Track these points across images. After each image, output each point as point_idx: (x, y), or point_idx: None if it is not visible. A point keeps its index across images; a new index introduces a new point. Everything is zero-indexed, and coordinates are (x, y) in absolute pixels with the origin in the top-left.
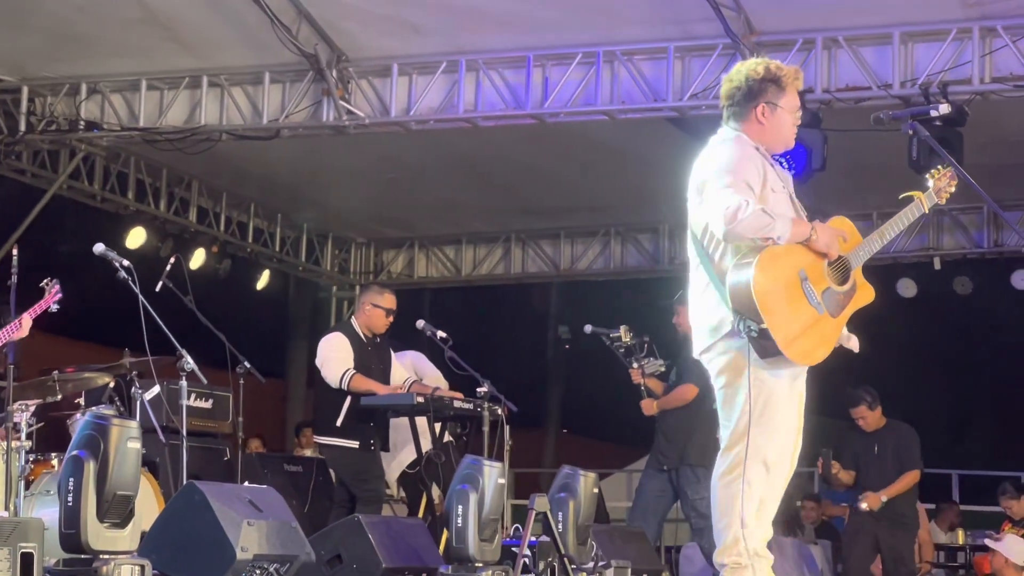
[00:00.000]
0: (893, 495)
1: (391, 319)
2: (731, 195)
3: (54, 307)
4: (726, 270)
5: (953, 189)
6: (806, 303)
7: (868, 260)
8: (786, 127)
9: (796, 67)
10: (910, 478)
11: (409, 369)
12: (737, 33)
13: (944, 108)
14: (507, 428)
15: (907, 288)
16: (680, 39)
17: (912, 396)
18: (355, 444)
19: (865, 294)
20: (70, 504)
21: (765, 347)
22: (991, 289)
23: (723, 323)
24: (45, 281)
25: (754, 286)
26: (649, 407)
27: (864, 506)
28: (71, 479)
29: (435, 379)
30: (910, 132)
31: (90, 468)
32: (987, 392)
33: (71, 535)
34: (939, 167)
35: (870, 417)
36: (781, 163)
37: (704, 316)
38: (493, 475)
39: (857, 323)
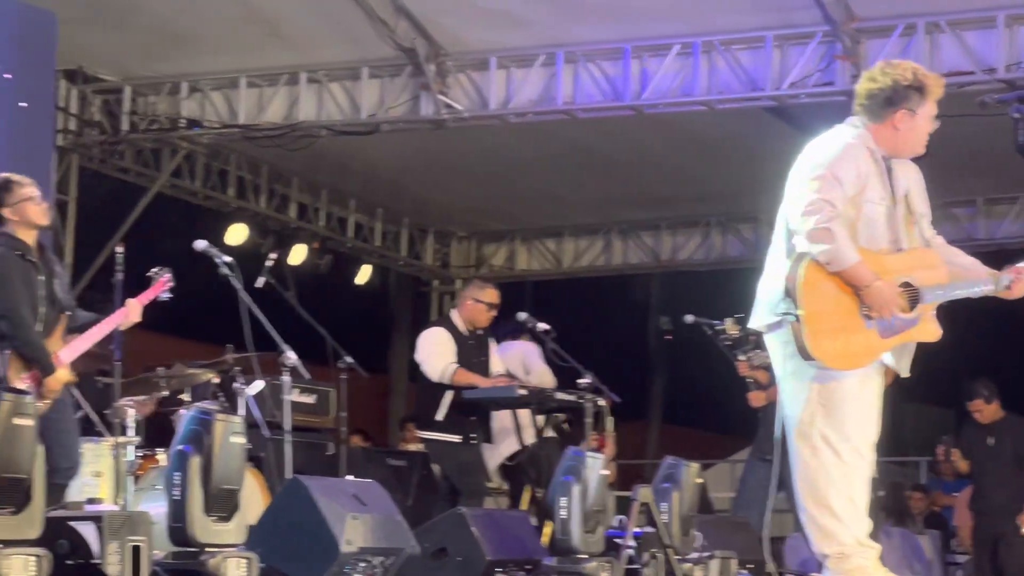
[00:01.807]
0: None
1: (493, 313)
2: (819, 191)
3: (164, 296)
4: (793, 257)
5: None
6: (855, 311)
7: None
8: (920, 135)
9: (940, 76)
10: None
11: (516, 361)
12: (836, 20)
13: None
14: (610, 419)
15: None
16: (778, 27)
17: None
18: (457, 438)
19: (928, 331)
20: (176, 498)
21: (800, 341)
22: None
23: (777, 306)
24: (154, 271)
25: (803, 275)
26: (758, 399)
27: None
28: (177, 473)
29: (540, 374)
30: (1016, 115)
31: (195, 463)
32: None
33: (178, 528)
34: None
35: (986, 410)
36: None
37: (768, 291)
38: (596, 466)
39: (968, 311)
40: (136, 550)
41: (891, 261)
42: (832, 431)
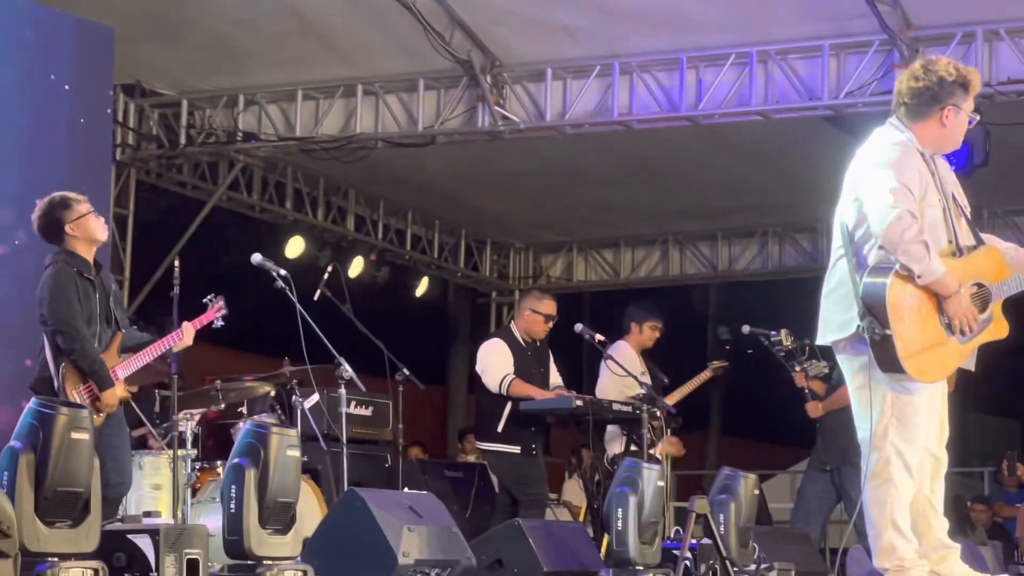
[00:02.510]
0: None
1: (550, 324)
2: (898, 204)
3: (218, 322)
4: (868, 270)
5: None
6: (937, 322)
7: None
8: (962, 130)
9: (977, 71)
10: None
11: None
12: (894, 28)
13: None
14: (667, 430)
15: None
16: (835, 36)
17: None
18: (516, 449)
19: (1000, 328)
20: (233, 511)
21: (884, 356)
22: None
23: (853, 320)
24: (209, 297)
25: (889, 290)
26: (815, 409)
27: None
28: (233, 486)
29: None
30: None
31: (251, 476)
32: None
33: (234, 541)
34: None
35: None
36: (947, 160)
37: (837, 309)
38: (652, 477)
39: None
40: (193, 563)
41: (961, 265)
42: (904, 443)
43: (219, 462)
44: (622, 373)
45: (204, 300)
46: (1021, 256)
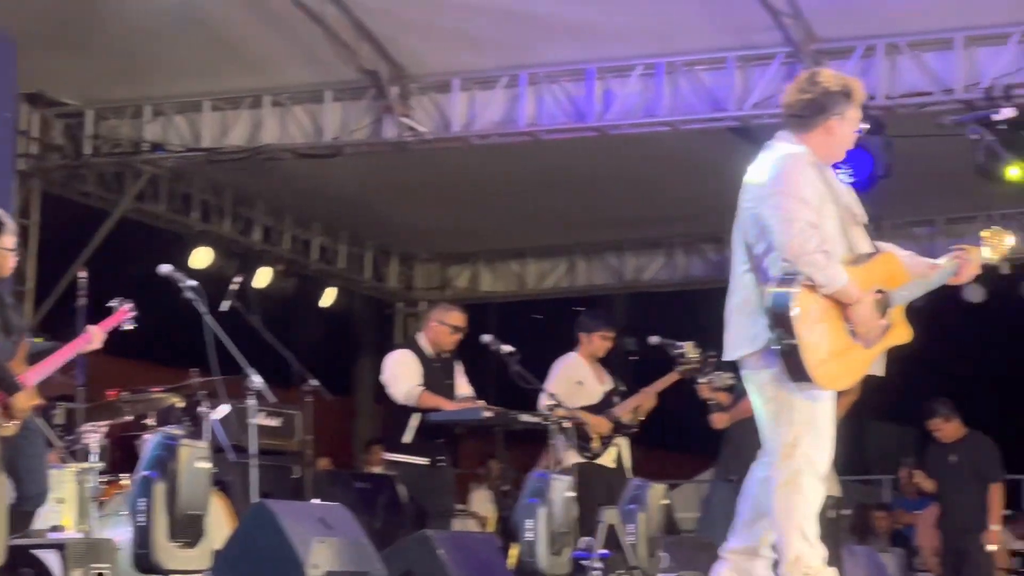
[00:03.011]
0: (997, 519)
1: (458, 336)
2: (797, 216)
3: (127, 325)
4: (772, 282)
5: (1007, 249)
6: (842, 329)
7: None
8: (849, 139)
9: (860, 82)
10: (998, 493)
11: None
12: (797, 41)
13: (1009, 112)
14: (557, 442)
15: (975, 293)
16: (740, 48)
17: (981, 401)
18: (424, 461)
19: (902, 333)
20: (141, 524)
21: (793, 366)
22: None
23: (762, 333)
24: (115, 301)
25: (795, 300)
26: (720, 420)
27: (992, 547)
28: (142, 499)
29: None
30: (975, 136)
31: (160, 488)
32: None
33: (143, 555)
34: (993, 229)
35: (946, 428)
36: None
37: (745, 324)
38: (561, 488)
39: (925, 330)
40: None
41: (862, 273)
42: (816, 451)
43: (125, 475)
44: (528, 385)
45: (110, 304)
46: (917, 262)
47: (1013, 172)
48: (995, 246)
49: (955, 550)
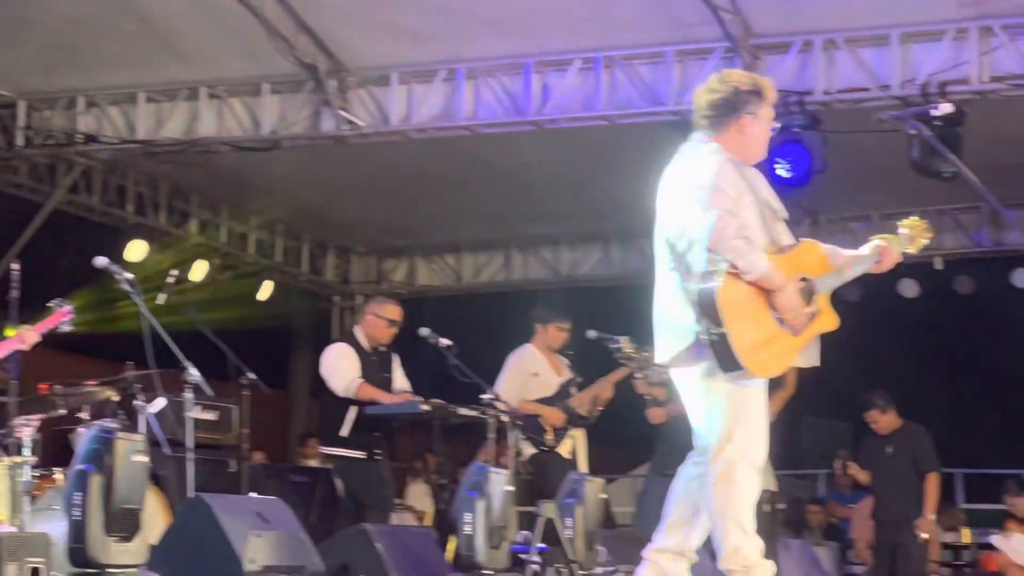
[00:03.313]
0: (933, 509)
1: (395, 330)
2: (715, 205)
3: (65, 327)
4: (697, 276)
5: (925, 240)
6: (769, 316)
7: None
8: (764, 138)
9: (771, 81)
10: (935, 482)
11: None
12: (735, 36)
13: (946, 108)
14: (512, 435)
15: (909, 288)
16: (678, 43)
17: (915, 395)
18: (361, 454)
19: (828, 321)
20: (77, 518)
21: (723, 356)
22: (992, 288)
23: (690, 328)
24: (55, 301)
25: (719, 292)
26: (657, 415)
27: (925, 536)
28: (77, 493)
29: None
30: (913, 132)
31: (96, 482)
32: (990, 390)
33: (78, 549)
34: (913, 220)
35: (883, 420)
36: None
37: (673, 322)
38: (500, 482)
39: (860, 325)
40: (35, 571)
41: (785, 261)
42: (750, 443)
43: (58, 469)
44: (466, 378)
45: (49, 304)
46: (837, 252)
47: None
48: (913, 238)
49: (889, 542)
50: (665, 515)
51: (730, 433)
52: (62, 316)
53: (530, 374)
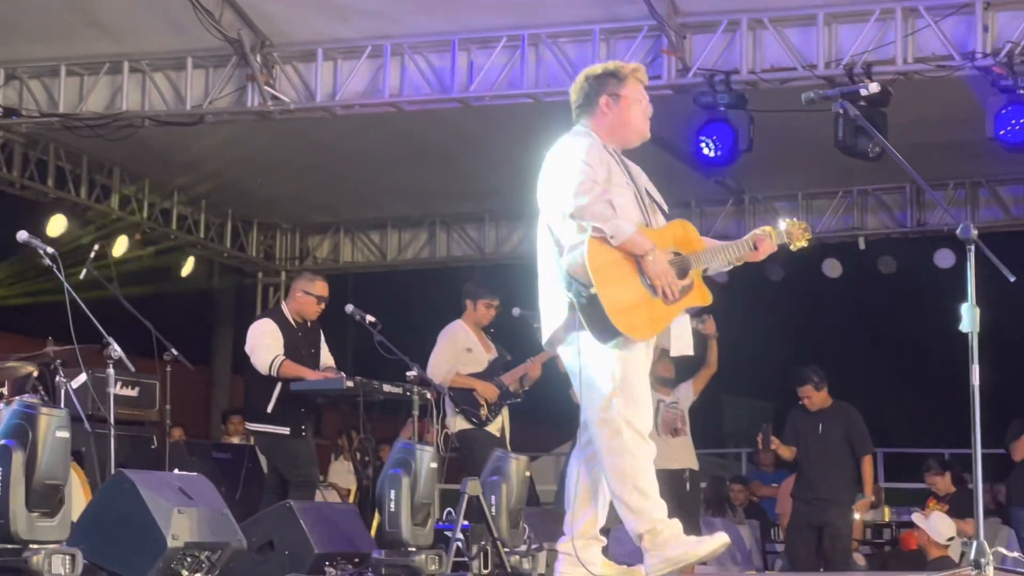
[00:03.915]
0: (871, 490)
1: (322, 306)
2: (580, 174)
3: None
4: (567, 248)
5: (804, 243)
6: (638, 281)
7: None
8: (634, 117)
9: (637, 63)
10: (871, 464)
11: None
12: (662, 14)
13: (874, 87)
14: (437, 412)
15: (832, 268)
16: (605, 21)
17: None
18: (286, 430)
19: (701, 296)
20: None
21: (594, 318)
22: (914, 268)
23: (566, 302)
24: None
25: (588, 253)
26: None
27: (858, 516)
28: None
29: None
30: (840, 111)
31: (18, 457)
32: (910, 370)
33: (0, 525)
34: (795, 220)
35: (816, 397)
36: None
37: (550, 300)
38: (425, 459)
39: (784, 304)
40: None
41: (656, 233)
42: (630, 410)
43: None
44: (391, 355)
45: None
46: (713, 243)
47: None
48: (793, 235)
49: (814, 523)
50: (566, 510)
51: (609, 402)
52: None
53: (463, 349)
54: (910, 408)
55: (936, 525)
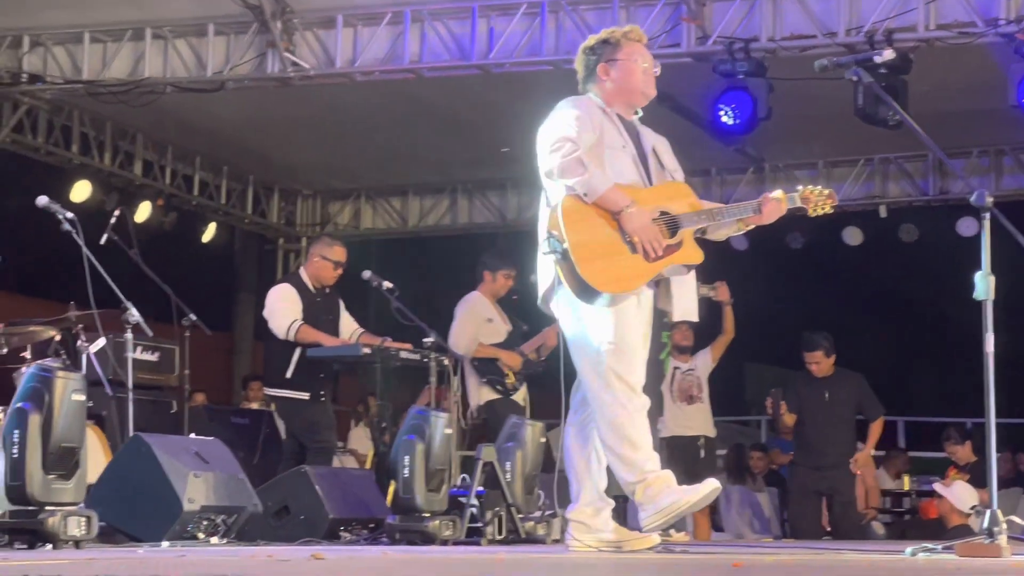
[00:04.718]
0: (873, 447)
1: (340, 271)
2: (556, 132)
3: None
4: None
5: (828, 208)
6: (617, 237)
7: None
8: (633, 79)
9: (630, 26)
10: (881, 426)
11: None
12: None
13: (888, 54)
14: (454, 379)
15: (853, 236)
16: None
17: (858, 343)
18: (305, 396)
19: (691, 254)
20: (15, 456)
21: (569, 271)
22: (937, 236)
23: (545, 245)
24: None
25: (563, 208)
26: None
27: (857, 470)
28: (16, 431)
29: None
30: (854, 78)
31: (35, 420)
32: (932, 338)
33: (17, 487)
34: (818, 187)
35: (824, 364)
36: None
37: (545, 262)
38: (440, 425)
39: (804, 272)
40: None
41: (645, 192)
42: (621, 365)
43: (0, 408)
44: (408, 322)
45: None
46: (713, 205)
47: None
48: (812, 202)
49: (820, 488)
50: (569, 482)
51: (598, 359)
52: None
53: (484, 320)
54: (931, 377)
55: (959, 493)
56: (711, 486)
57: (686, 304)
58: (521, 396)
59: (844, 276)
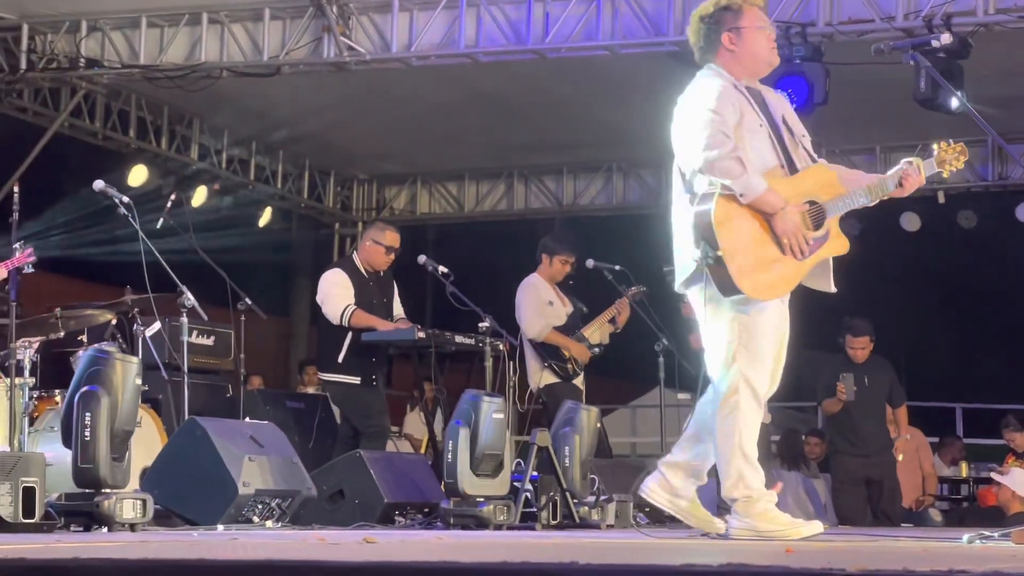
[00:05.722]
0: (906, 430)
1: (392, 256)
2: (709, 127)
3: (28, 268)
4: (698, 198)
5: (960, 165)
6: (770, 240)
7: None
8: (760, 46)
9: None
10: (906, 411)
11: None
12: None
13: (946, 38)
14: (509, 363)
15: (911, 222)
16: None
17: (916, 329)
18: (357, 380)
19: (839, 245)
20: (87, 439)
21: (721, 279)
22: (996, 222)
23: (695, 254)
24: (17, 244)
25: (715, 213)
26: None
27: (901, 456)
28: (88, 414)
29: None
30: (911, 63)
31: (105, 403)
32: (990, 325)
33: (88, 470)
34: (949, 141)
35: (868, 349)
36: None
37: (682, 247)
38: (490, 410)
39: (862, 258)
40: (29, 491)
41: (792, 183)
42: (751, 370)
43: (57, 391)
44: (463, 306)
45: (14, 246)
46: (852, 175)
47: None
48: (945, 162)
49: (867, 475)
50: (685, 428)
51: (731, 360)
52: (25, 258)
53: (545, 303)
54: (990, 364)
55: (1018, 480)
56: (815, 528)
57: (826, 278)
58: (581, 380)
59: (902, 263)
